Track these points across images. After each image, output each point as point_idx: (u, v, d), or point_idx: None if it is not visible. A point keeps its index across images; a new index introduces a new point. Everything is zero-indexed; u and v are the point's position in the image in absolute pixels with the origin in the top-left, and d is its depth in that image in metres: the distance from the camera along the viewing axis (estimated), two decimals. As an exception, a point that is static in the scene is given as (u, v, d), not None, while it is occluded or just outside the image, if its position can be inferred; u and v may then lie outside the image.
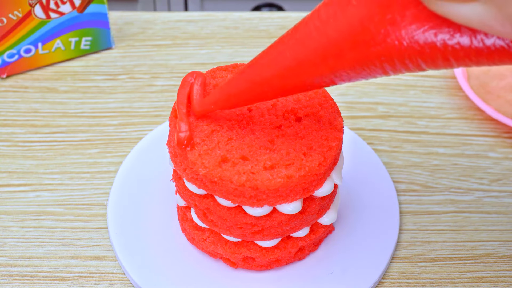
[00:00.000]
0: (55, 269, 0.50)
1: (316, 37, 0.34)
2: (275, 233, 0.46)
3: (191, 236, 0.50)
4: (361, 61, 0.33)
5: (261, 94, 0.40)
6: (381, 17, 0.31)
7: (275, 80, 0.38)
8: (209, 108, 0.43)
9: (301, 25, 0.35)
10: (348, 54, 0.33)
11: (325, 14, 0.34)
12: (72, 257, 0.51)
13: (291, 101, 0.46)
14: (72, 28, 0.64)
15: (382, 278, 0.50)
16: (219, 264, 0.49)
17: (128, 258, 0.49)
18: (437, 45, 0.30)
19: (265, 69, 0.38)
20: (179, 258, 0.50)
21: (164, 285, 0.48)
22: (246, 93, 0.40)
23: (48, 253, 0.51)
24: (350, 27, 0.32)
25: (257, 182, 0.41)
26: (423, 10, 0.30)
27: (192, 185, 0.44)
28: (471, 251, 0.52)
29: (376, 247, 0.50)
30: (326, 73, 0.35)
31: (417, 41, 0.30)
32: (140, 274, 0.48)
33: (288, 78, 0.37)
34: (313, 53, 0.35)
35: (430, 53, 0.30)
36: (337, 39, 0.33)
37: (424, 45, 0.30)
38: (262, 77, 0.38)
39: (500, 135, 0.60)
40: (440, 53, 0.30)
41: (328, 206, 0.48)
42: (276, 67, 0.37)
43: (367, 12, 0.31)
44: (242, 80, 0.40)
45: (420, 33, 0.30)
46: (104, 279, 0.49)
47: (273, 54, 0.38)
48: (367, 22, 0.31)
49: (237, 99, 0.41)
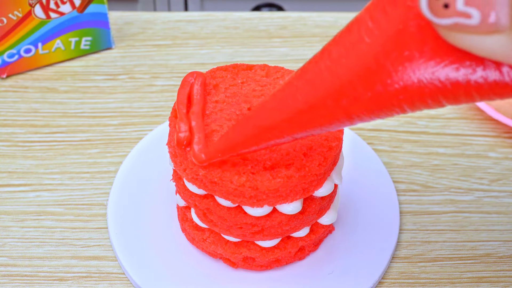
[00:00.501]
0: (55, 269, 0.50)
1: (328, 78, 0.32)
2: (275, 233, 0.46)
3: (191, 236, 0.50)
4: (378, 101, 0.31)
5: (270, 139, 0.37)
6: (398, 54, 0.29)
7: (285, 125, 0.36)
8: (216, 156, 0.41)
9: (310, 65, 0.34)
10: (363, 95, 0.31)
11: (336, 53, 0.32)
12: (72, 257, 0.51)
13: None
14: (72, 28, 0.64)
15: (382, 278, 0.50)
16: (219, 264, 0.49)
17: (128, 258, 0.49)
18: (459, 80, 0.28)
19: (273, 113, 0.36)
20: (179, 258, 0.50)
21: (164, 285, 0.48)
22: (253, 139, 0.38)
23: (48, 253, 0.51)
24: (364, 66, 0.30)
25: (257, 182, 0.41)
26: (443, 44, 0.28)
27: (192, 185, 0.44)
28: (471, 251, 0.52)
29: (376, 247, 0.50)
30: (340, 116, 0.33)
31: (438, 78, 0.29)
32: (140, 274, 0.48)
33: (299, 122, 0.35)
34: (325, 95, 0.33)
35: (452, 89, 0.28)
36: (351, 79, 0.31)
37: (445, 82, 0.28)
38: (270, 122, 0.36)
39: (500, 135, 0.60)
40: (463, 89, 0.28)
41: (328, 206, 0.48)
42: (285, 111, 0.35)
43: (382, 49, 0.30)
44: (249, 127, 0.38)
45: (441, 68, 0.28)
46: (104, 279, 0.49)
47: (282, 97, 0.35)
48: (383, 60, 0.30)
49: (244, 146, 0.39)
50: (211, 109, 0.45)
